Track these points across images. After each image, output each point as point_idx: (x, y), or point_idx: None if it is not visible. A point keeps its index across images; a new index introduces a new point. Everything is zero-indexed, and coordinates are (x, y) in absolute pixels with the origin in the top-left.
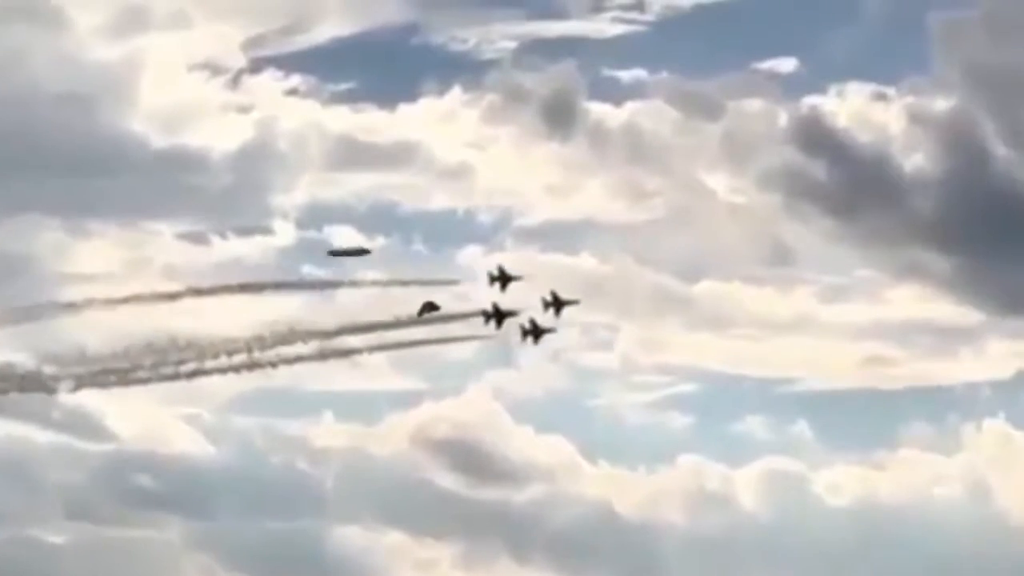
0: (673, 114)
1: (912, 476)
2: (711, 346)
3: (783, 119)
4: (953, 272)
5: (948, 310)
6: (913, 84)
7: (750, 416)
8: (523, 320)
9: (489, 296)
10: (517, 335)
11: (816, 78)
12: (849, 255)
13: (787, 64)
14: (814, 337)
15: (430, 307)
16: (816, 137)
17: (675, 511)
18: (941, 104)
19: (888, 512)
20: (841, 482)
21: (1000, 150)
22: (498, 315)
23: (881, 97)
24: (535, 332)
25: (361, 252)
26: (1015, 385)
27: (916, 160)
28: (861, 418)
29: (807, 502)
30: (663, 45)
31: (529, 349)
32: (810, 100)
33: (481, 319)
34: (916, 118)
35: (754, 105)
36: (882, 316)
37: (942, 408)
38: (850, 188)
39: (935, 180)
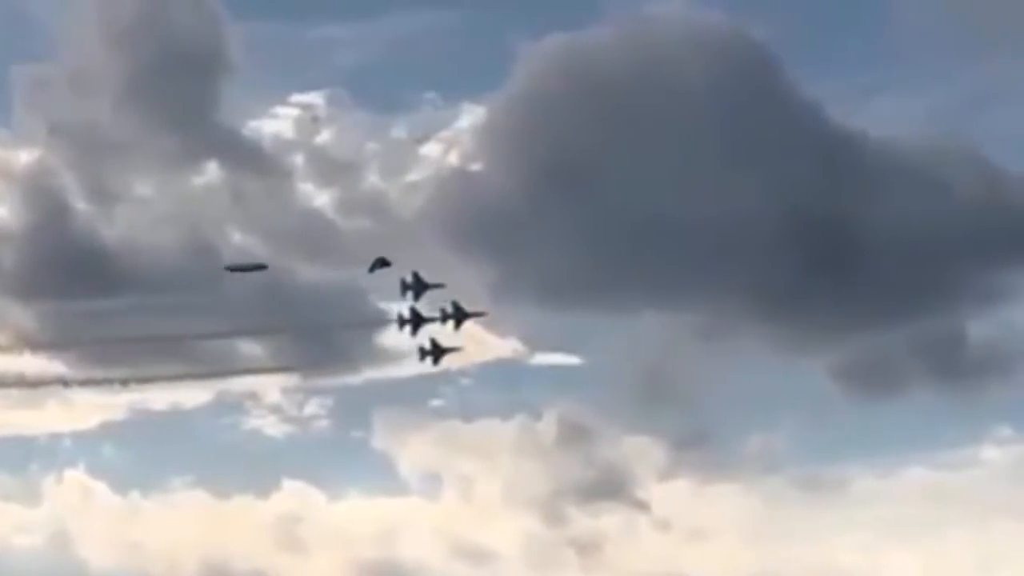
0: None
1: None
2: None
3: None
4: (38, 323)
5: (34, 361)
6: None
7: None
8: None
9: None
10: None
11: None
12: None
13: None
14: None
15: (382, 263)
16: None
17: None
18: (24, 157)
19: None
20: None
21: (81, 204)
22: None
23: None
24: (436, 352)
25: (259, 267)
26: (97, 436)
27: None
28: None
29: None
30: None
31: None
32: None
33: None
34: None
35: None
36: None
37: (25, 458)
38: None
39: (17, 233)
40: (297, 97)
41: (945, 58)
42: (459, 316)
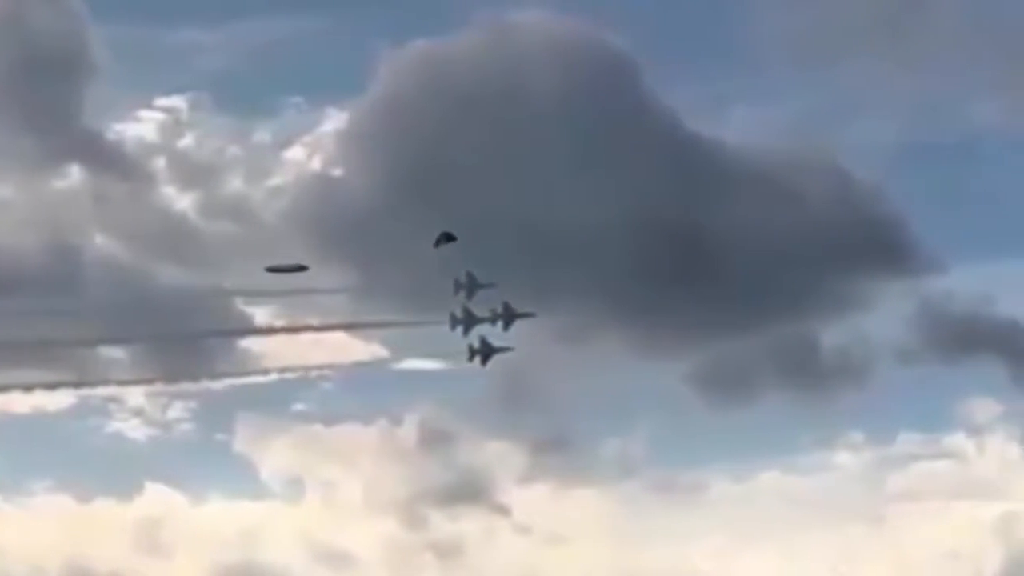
0: None
1: None
2: None
3: None
4: None
5: None
6: None
7: None
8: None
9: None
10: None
11: None
12: None
13: None
14: None
15: (447, 238)
16: None
17: None
18: None
19: None
20: None
21: None
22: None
23: None
24: (485, 352)
25: (299, 269)
26: None
27: None
28: None
29: None
30: None
31: None
32: None
33: None
34: None
35: None
36: None
37: None
38: None
39: None
40: (160, 101)
41: (801, 68)
42: (509, 316)
